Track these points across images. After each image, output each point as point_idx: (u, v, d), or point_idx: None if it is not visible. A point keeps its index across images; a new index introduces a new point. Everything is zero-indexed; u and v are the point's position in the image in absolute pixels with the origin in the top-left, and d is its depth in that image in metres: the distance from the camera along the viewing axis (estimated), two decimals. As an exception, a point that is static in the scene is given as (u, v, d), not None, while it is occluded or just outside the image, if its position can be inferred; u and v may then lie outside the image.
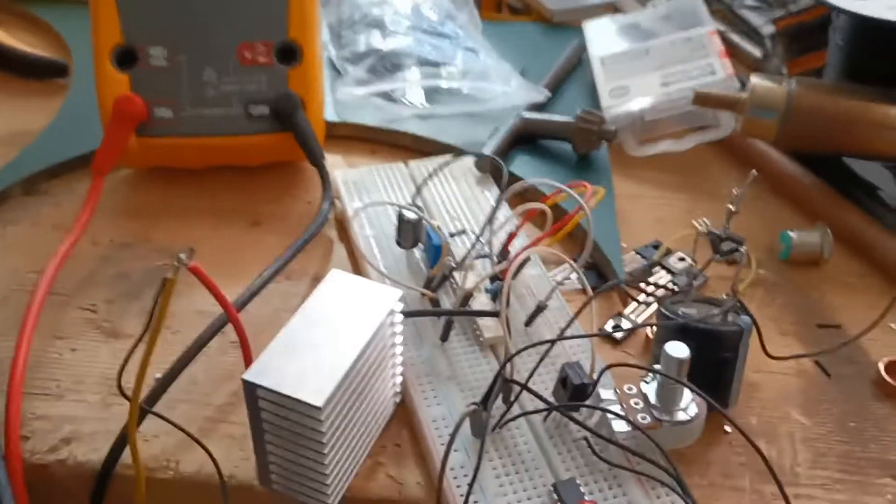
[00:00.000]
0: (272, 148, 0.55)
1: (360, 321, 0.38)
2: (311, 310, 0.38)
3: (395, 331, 0.40)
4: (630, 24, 0.69)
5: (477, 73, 0.63)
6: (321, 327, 0.38)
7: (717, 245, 0.44)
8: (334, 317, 0.38)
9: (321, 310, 0.38)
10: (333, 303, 0.39)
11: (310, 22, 0.55)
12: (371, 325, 0.38)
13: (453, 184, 0.55)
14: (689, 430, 0.40)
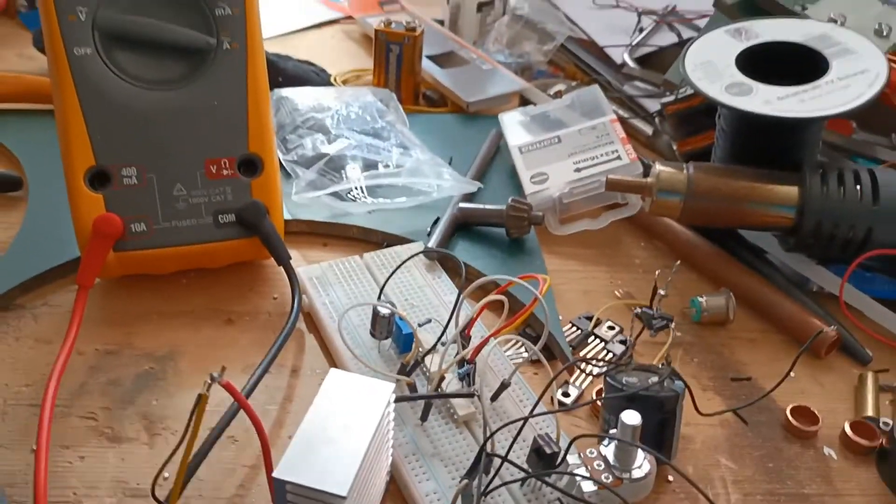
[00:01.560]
0: (240, 251, 0.60)
1: (364, 414, 0.43)
2: (319, 408, 0.44)
3: (390, 419, 0.46)
4: (540, 114, 0.77)
5: (412, 169, 0.69)
6: (331, 422, 0.43)
7: (649, 322, 0.52)
8: (341, 412, 0.44)
9: (329, 407, 0.44)
10: (338, 399, 0.44)
11: (267, 136, 0.60)
12: (374, 416, 0.43)
13: (406, 273, 0.62)
14: (645, 485, 0.47)
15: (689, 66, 0.66)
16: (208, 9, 0.60)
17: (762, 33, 0.68)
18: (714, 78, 0.64)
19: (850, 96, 0.61)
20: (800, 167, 0.63)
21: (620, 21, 0.94)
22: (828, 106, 0.61)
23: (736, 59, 0.66)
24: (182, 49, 0.59)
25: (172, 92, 0.59)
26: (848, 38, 0.66)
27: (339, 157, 0.67)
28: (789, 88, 0.62)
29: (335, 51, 0.98)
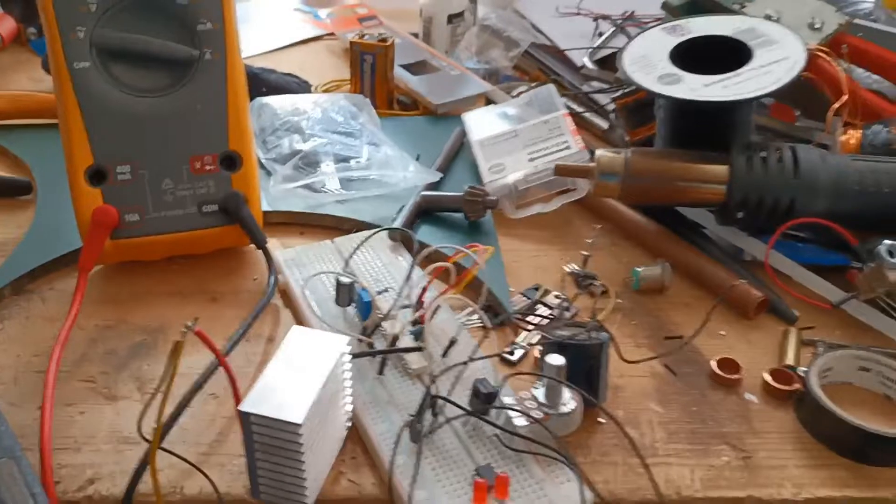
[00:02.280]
0: (222, 237, 0.67)
1: (320, 361, 0.50)
2: (282, 357, 0.51)
3: (345, 368, 0.53)
4: (501, 112, 0.84)
5: (381, 163, 0.77)
6: (291, 369, 0.50)
7: (579, 281, 0.59)
8: (300, 360, 0.51)
9: (290, 356, 0.51)
10: (298, 350, 0.51)
11: (245, 135, 0.68)
12: (329, 362, 0.50)
13: (373, 253, 0.69)
14: (572, 420, 0.54)
15: (627, 61, 0.73)
16: (191, 24, 0.67)
17: (695, 29, 0.75)
18: (648, 70, 0.71)
19: (768, 81, 0.68)
20: (730, 148, 0.69)
21: (582, 27, 1.01)
22: (748, 90, 0.67)
23: (670, 54, 0.73)
24: (169, 60, 0.67)
25: (161, 98, 0.67)
26: (772, 31, 0.73)
27: (312, 154, 0.75)
28: (715, 77, 0.69)
29: (318, 64, 1.06)
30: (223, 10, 0.68)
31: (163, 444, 0.51)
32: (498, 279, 0.67)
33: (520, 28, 1.00)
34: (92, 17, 0.66)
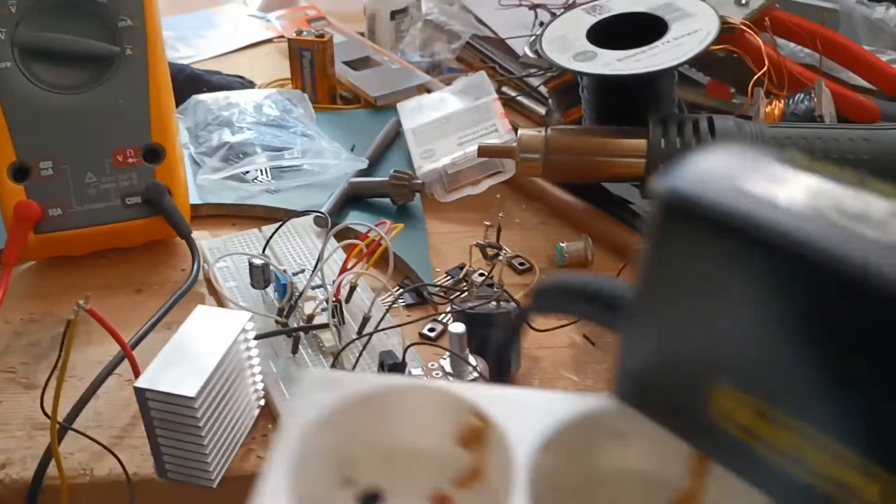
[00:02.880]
0: (147, 229, 0.68)
1: (220, 338, 0.51)
2: (182, 334, 0.51)
3: (249, 346, 0.53)
4: (436, 100, 0.85)
5: (313, 153, 0.77)
6: (191, 346, 0.50)
7: (484, 251, 0.59)
8: (200, 337, 0.51)
9: (190, 334, 0.51)
10: (199, 328, 0.52)
11: (168, 127, 0.69)
12: (228, 338, 0.51)
13: (298, 239, 0.69)
14: (477, 388, 0.54)
15: (546, 41, 0.73)
16: (112, 21, 0.69)
17: (615, 7, 0.75)
18: (565, 49, 0.72)
19: (680, 53, 0.68)
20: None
21: (525, 18, 1.01)
22: (660, 62, 0.68)
23: (588, 32, 0.73)
24: (90, 58, 0.68)
25: (83, 94, 0.68)
26: (688, 4, 0.73)
27: (240, 145, 0.76)
28: (629, 51, 0.70)
29: (267, 65, 1.07)
30: (144, 6, 0.70)
31: (75, 427, 0.52)
32: (421, 259, 0.68)
33: (462, 21, 1.01)
34: (12, 18, 0.67)
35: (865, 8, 0.89)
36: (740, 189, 0.23)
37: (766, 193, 0.23)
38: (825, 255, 0.21)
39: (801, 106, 0.73)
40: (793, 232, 0.22)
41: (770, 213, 0.22)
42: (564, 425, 0.29)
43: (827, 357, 0.22)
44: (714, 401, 0.26)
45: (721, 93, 0.88)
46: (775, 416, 0.24)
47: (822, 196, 0.23)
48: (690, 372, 0.26)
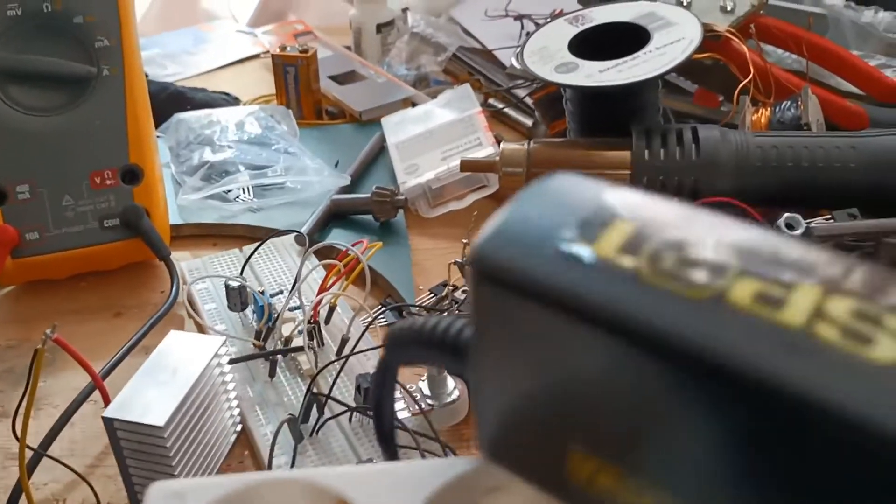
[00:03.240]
0: (125, 251, 0.67)
1: (192, 364, 0.50)
2: (153, 361, 0.50)
3: (223, 370, 0.52)
4: (420, 114, 0.84)
5: (296, 170, 0.77)
6: (161, 373, 0.49)
7: (463, 269, 0.59)
8: (172, 363, 0.50)
9: (161, 360, 0.50)
10: (171, 354, 0.51)
11: (147, 148, 0.68)
12: (200, 364, 0.50)
13: (280, 259, 0.69)
14: (457, 409, 0.53)
15: (527, 53, 0.73)
16: (89, 42, 0.68)
17: (597, 18, 0.75)
18: (547, 60, 0.71)
19: (662, 63, 0.67)
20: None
21: (512, 29, 1.01)
22: (641, 73, 0.67)
23: (570, 43, 0.72)
24: (67, 79, 0.67)
25: (60, 116, 0.67)
26: (670, 13, 0.73)
27: (221, 164, 0.75)
28: (611, 62, 0.69)
29: (254, 80, 1.06)
30: (120, 26, 0.69)
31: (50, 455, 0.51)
32: (404, 277, 0.67)
33: (448, 33, 1.00)
34: (-12, 42, 0.66)
35: (853, 12, 0.88)
36: (555, 250, 0.23)
37: (582, 254, 0.23)
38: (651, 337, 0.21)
39: (788, 113, 0.72)
40: (609, 308, 0.21)
41: (580, 280, 0.22)
42: (436, 493, 0.28)
43: (670, 429, 0.22)
44: (571, 464, 0.25)
45: (709, 101, 0.87)
46: (634, 481, 0.24)
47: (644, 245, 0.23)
48: (542, 434, 0.26)
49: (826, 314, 0.20)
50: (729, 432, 0.20)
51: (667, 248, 0.22)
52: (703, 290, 0.21)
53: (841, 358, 0.19)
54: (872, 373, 0.18)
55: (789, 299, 0.20)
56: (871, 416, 0.18)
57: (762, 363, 0.19)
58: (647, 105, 0.72)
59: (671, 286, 0.21)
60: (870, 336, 0.19)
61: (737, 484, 0.21)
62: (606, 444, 0.24)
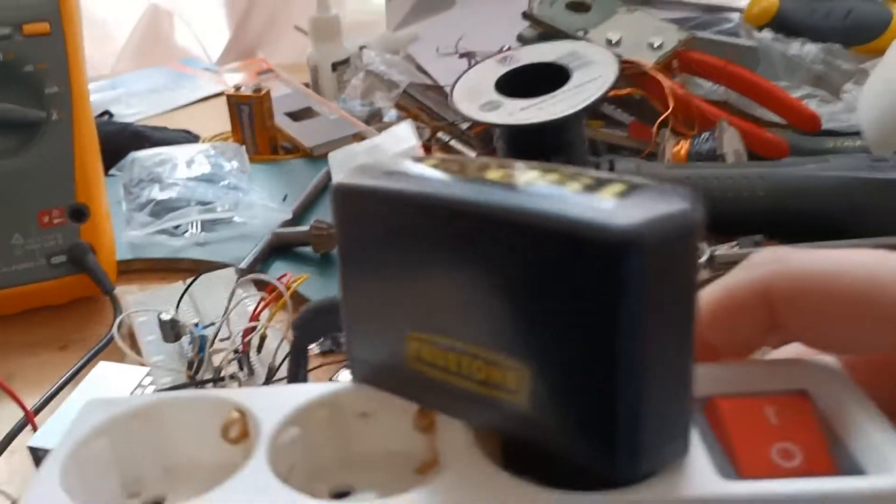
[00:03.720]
0: (72, 287, 0.71)
1: (116, 394, 0.54)
2: (80, 392, 0.54)
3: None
4: (366, 148, 0.88)
5: (243, 206, 0.81)
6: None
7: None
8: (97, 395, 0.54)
9: (88, 391, 0.54)
10: (98, 385, 0.55)
11: (93, 187, 0.72)
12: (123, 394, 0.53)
13: (224, 291, 0.72)
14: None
15: (458, 92, 0.77)
16: (39, 88, 0.72)
17: (524, 58, 0.78)
18: (473, 99, 0.75)
19: (578, 100, 0.71)
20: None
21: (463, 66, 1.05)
22: (559, 111, 0.71)
23: (498, 82, 0.76)
24: (18, 124, 0.71)
25: (10, 159, 0.71)
26: (592, 53, 0.76)
27: (169, 201, 0.79)
28: (532, 100, 0.73)
29: (215, 118, 1.10)
30: (69, 73, 0.73)
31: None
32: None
33: (401, 70, 1.04)
34: (-60, 89, 0.71)
35: (781, 45, 0.92)
36: (386, 172, 0.29)
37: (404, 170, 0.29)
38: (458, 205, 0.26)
39: (705, 145, 0.76)
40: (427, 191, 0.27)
41: (405, 182, 0.28)
42: (309, 404, 0.32)
43: (472, 283, 0.26)
44: (408, 349, 0.29)
45: (643, 133, 0.90)
46: (444, 342, 0.28)
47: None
48: (390, 331, 0.30)
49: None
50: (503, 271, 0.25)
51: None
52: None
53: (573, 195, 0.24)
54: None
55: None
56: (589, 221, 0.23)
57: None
58: (571, 140, 0.75)
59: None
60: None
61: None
62: (432, 317, 0.28)
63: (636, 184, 0.25)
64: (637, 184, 0.25)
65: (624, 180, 0.25)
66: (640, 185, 0.25)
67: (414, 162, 0.30)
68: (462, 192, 0.27)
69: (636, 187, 0.25)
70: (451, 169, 0.29)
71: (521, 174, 0.27)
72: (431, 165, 0.29)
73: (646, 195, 0.24)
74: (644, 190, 0.24)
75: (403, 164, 0.30)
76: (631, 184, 0.25)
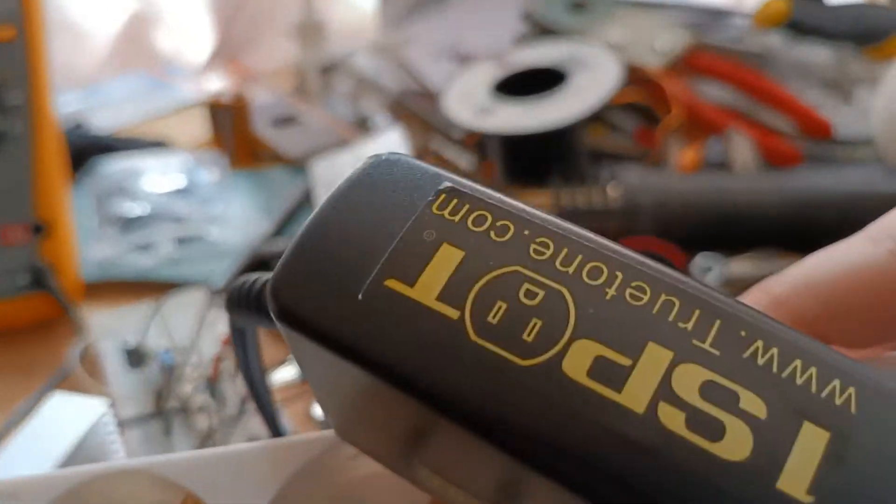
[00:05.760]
0: (34, 308, 0.66)
1: (72, 429, 0.48)
2: (31, 427, 0.49)
3: (109, 430, 0.51)
4: (350, 157, 0.83)
5: (220, 220, 0.75)
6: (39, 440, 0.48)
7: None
8: (51, 429, 0.49)
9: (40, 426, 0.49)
10: (51, 419, 0.49)
11: (56, 204, 0.67)
12: (81, 428, 0.48)
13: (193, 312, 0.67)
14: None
15: (450, 97, 0.72)
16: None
17: (520, 60, 0.74)
18: (467, 105, 0.70)
19: (578, 105, 0.66)
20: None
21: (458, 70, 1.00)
22: (556, 118, 0.66)
23: (496, 86, 0.71)
24: (-24, 138, 0.67)
25: (-32, 176, 0.66)
26: (592, 55, 0.72)
27: (141, 215, 0.74)
28: (528, 105, 0.68)
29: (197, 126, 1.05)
30: (31, 86, 0.68)
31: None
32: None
33: (392, 75, 0.99)
34: None
35: (791, 48, 0.87)
36: (365, 290, 0.20)
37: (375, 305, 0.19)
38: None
39: (715, 153, 0.71)
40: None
41: (394, 342, 0.19)
42: (291, 479, 0.27)
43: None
44: (418, 471, 0.24)
45: (649, 140, 0.85)
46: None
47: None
48: (387, 446, 0.25)
49: (673, 391, 0.17)
50: None
51: (498, 292, 0.19)
52: (534, 355, 0.18)
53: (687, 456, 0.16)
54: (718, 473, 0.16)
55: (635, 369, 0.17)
56: None
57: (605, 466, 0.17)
58: (572, 146, 0.70)
59: (497, 350, 0.18)
60: (721, 423, 0.17)
61: None
62: (434, 463, 0.22)
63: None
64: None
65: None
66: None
67: (409, 271, 0.19)
68: (520, 413, 0.17)
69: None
70: (488, 319, 0.19)
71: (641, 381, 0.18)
72: (447, 295, 0.19)
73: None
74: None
75: (387, 284, 0.19)
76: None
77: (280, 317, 0.20)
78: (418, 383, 0.18)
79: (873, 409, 0.16)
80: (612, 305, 0.18)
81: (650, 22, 0.84)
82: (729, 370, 0.17)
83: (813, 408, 0.16)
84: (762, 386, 0.17)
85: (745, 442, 0.16)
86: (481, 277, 0.19)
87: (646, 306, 0.18)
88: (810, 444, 0.16)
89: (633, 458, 0.16)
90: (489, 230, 0.20)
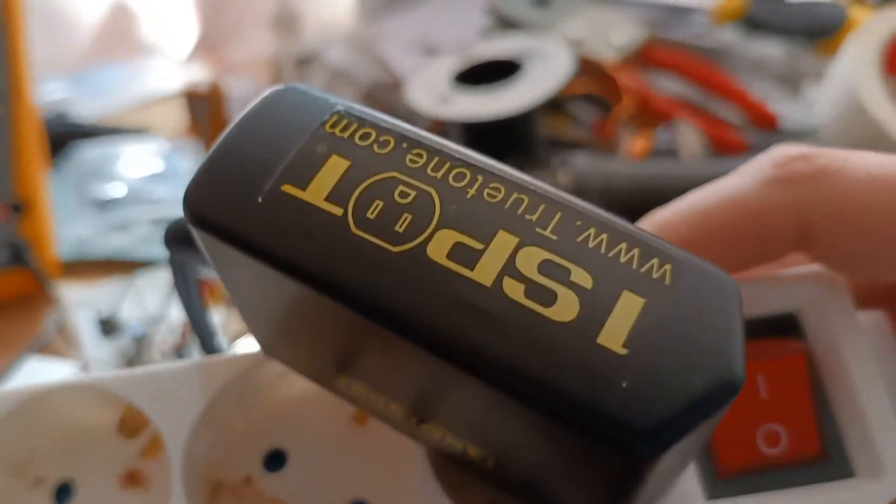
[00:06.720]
0: (13, 284, 0.69)
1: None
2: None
3: (80, 396, 0.54)
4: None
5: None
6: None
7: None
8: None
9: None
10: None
11: (34, 184, 0.70)
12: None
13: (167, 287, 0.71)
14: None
15: (415, 87, 0.75)
16: (-23, 82, 0.71)
17: (481, 53, 0.77)
18: (429, 94, 0.73)
19: (532, 94, 0.70)
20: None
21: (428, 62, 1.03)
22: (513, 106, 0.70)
23: (456, 77, 0.75)
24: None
25: (-55, 155, 0.69)
26: (548, 48, 0.75)
27: (119, 198, 0.77)
28: (485, 95, 0.71)
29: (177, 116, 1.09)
30: (9, 71, 0.72)
31: None
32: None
33: (365, 67, 1.03)
34: None
35: (745, 43, 0.91)
36: (264, 194, 0.22)
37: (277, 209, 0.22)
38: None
39: (663, 142, 0.75)
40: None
41: (287, 236, 0.22)
42: (221, 390, 0.30)
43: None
44: (339, 381, 0.27)
45: (605, 130, 0.89)
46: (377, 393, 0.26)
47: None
48: (308, 357, 0.27)
49: (516, 268, 0.21)
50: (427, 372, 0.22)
51: (376, 193, 0.22)
52: (404, 242, 0.21)
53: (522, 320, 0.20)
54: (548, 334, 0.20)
55: (486, 251, 0.21)
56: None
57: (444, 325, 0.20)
58: (527, 134, 0.74)
59: (374, 239, 0.22)
60: (553, 292, 0.20)
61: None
62: (348, 365, 0.26)
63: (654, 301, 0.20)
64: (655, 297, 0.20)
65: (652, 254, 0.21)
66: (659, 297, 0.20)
67: (302, 176, 0.22)
68: (384, 286, 0.21)
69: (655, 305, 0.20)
70: (366, 214, 0.22)
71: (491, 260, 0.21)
72: (334, 197, 0.22)
73: (667, 335, 0.20)
74: (665, 316, 0.20)
75: (283, 188, 0.22)
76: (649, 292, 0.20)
77: (194, 222, 0.23)
78: (307, 268, 0.21)
79: (685, 282, 0.20)
80: (471, 202, 0.22)
81: (610, 18, 0.88)
82: (563, 251, 0.21)
83: (632, 280, 0.20)
84: (590, 263, 0.21)
85: (572, 307, 0.20)
86: (363, 181, 0.22)
87: (500, 202, 0.22)
88: (627, 309, 0.20)
89: (482, 321, 0.20)
90: (373, 144, 0.23)
